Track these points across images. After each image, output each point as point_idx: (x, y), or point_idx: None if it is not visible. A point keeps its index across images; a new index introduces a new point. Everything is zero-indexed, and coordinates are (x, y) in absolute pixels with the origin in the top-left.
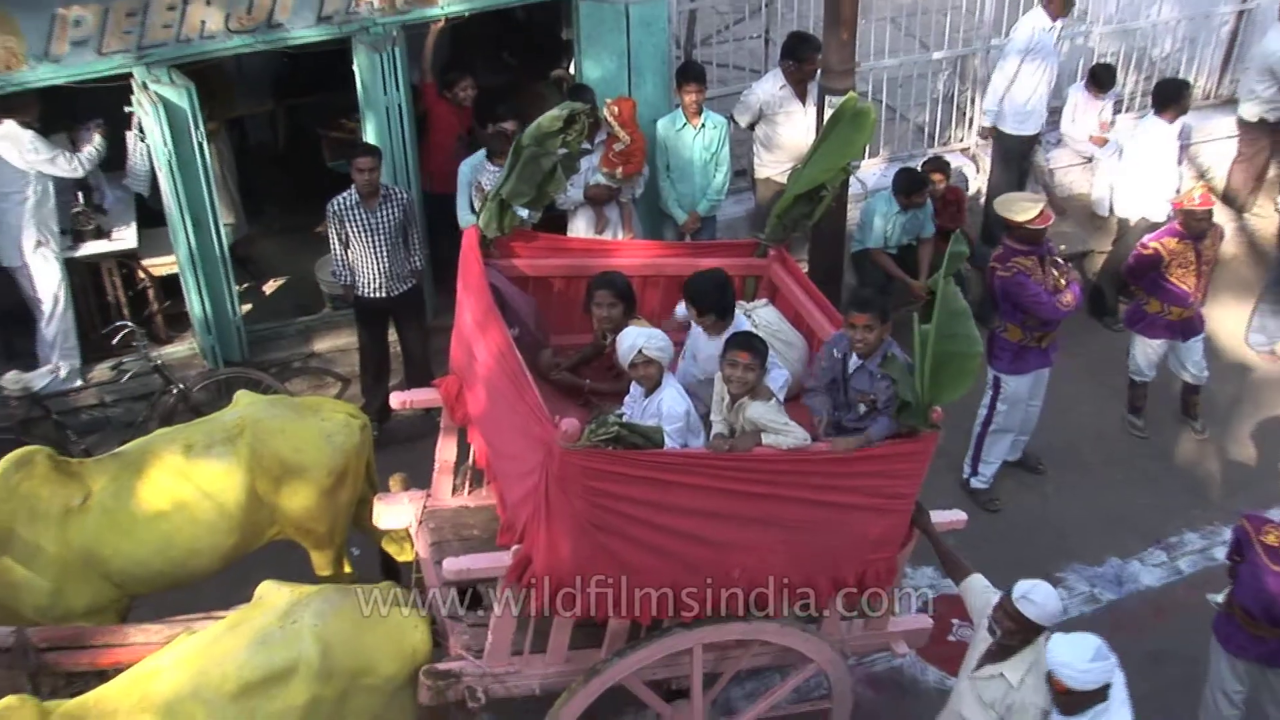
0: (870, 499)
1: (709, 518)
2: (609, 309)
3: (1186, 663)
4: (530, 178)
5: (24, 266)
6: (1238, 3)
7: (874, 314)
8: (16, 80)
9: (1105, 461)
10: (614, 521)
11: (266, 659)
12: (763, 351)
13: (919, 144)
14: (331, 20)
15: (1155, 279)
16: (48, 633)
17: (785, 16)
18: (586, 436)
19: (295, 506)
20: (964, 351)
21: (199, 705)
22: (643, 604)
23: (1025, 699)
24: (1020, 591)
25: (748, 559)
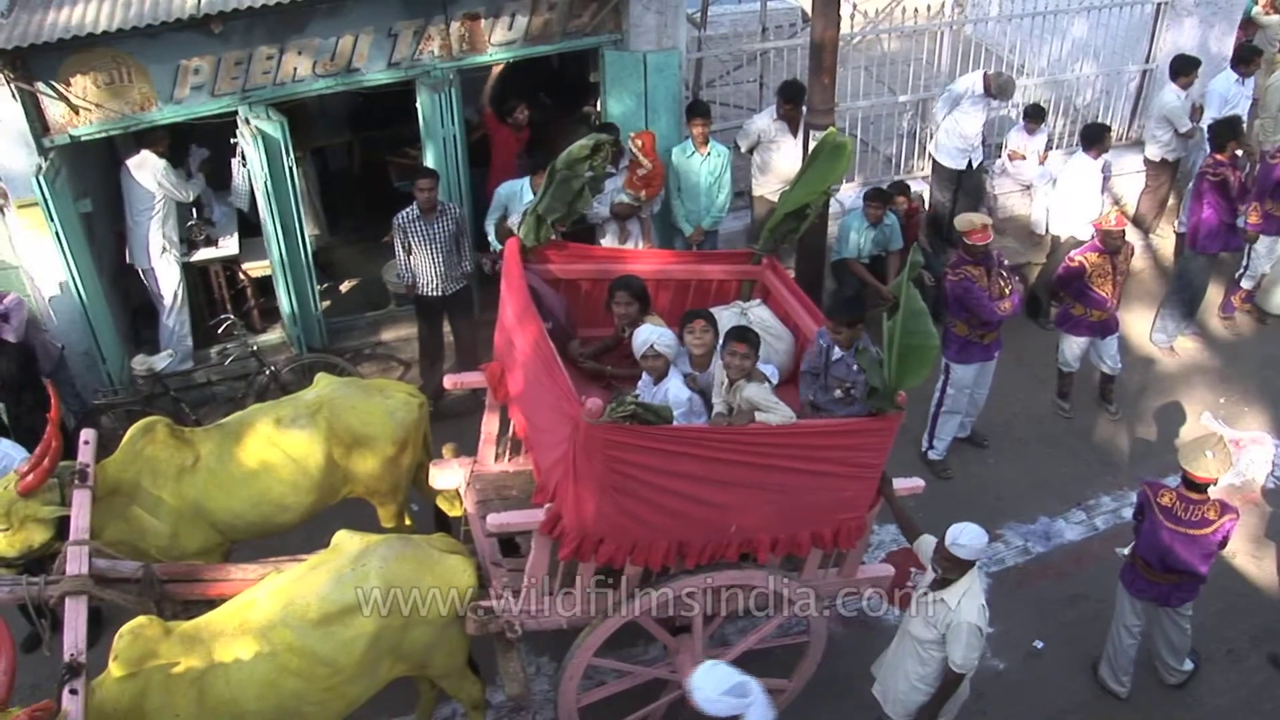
0: (844, 467)
1: (710, 483)
2: (626, 307)
3: (1098, 603)
4: (563, 196)
5: (151, 269)
6: (1142, 63)
7: (848, 317)
8: (149, 118)
9: (1037, 438)
10: (630, 485)
11: (341, 594)
12: (755, 342)
13: (887, 171)
14: (399, 65)
15: (1080, 287)
16: (168, 568)
17: (776, 64)
18: (608, 413)
19: (364, 471)
20: (923, 345)
21: (287, 629)
22: (653, 554)
23: (960, 618)
24: (951, 538)
25: (742, 517)
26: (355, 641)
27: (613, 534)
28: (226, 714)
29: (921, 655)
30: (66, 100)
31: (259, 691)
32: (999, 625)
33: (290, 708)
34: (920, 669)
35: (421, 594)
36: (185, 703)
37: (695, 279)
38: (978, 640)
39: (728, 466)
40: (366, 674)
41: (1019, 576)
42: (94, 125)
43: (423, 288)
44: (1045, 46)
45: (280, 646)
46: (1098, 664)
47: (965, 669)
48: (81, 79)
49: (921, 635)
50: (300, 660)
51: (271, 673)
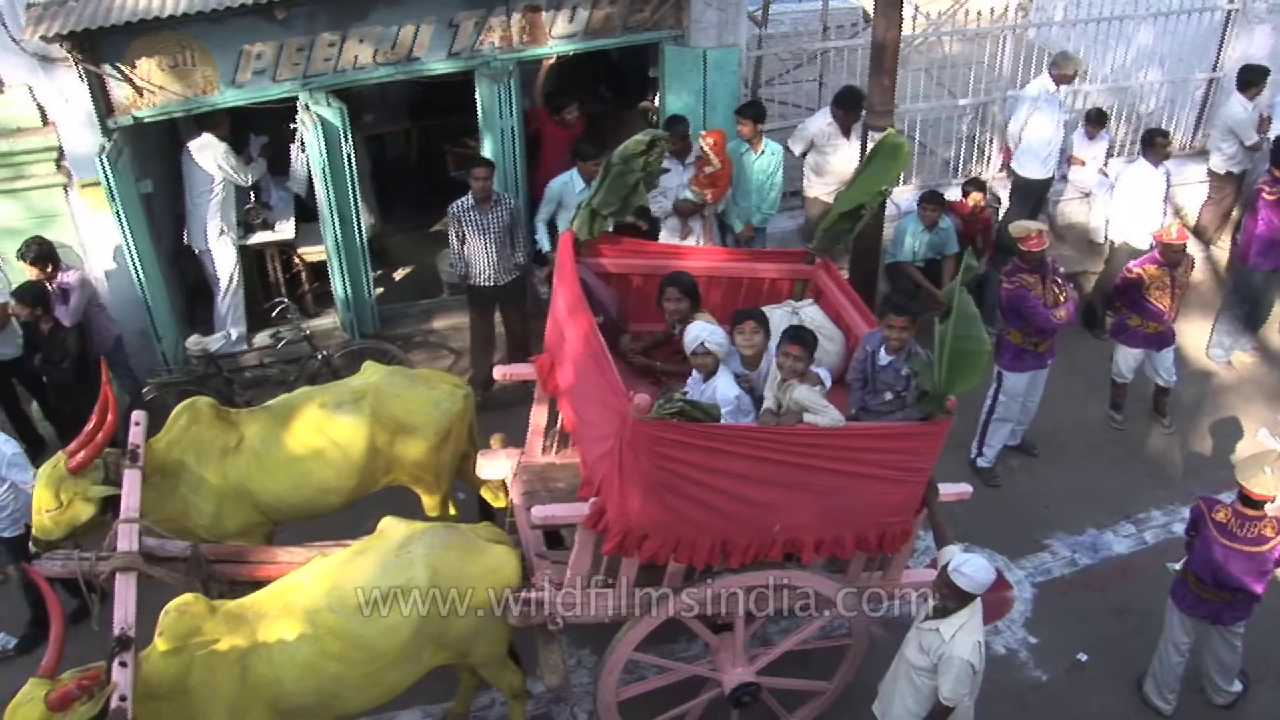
0: (891, 471)
1: (755, 481)
2: (677, 303)
3: (1145, 617)
4: (617, 191)
5: (208, 251)
6: (1209, 71)
7: (908, 318)
8: (211, 102)
9: (1088, 448)
10: (675, 482)
11: (386, 580)
12: (811, 345)
13: (945, 175)
14: (459, 56)
15: (1137, 298)
16: (215, 548)
17: (836, 64)
18: (655, 410)
19: (408, 459)
20: (974, 350)
21: (331, 613)
22: (696, 551)
23: (953, 652)
24: (954, 565)
25: (787, 517)
26: (399, 628)
27: (656, 530)
28: (267, 693)
29: (915, 681)
30: (131, 82)
31: (300, 673)
32: (1042, 635)
33: (330, 690)
34: (913, 694)
35: (466, 583)
36: (227, 680)
37: (748, 277)
38: (969, 676)
39: (773, 466)
40: (408, 660)
41: (1064, 587)
42: (157, 107)
43: (475, 277)
44: (1110, 53)
45: (323, 630)
46: (1143, 680)
47: (953, 702)
48: (146, 61)
49: (915, 661)
50: (342, 644)
51: (313, 655)
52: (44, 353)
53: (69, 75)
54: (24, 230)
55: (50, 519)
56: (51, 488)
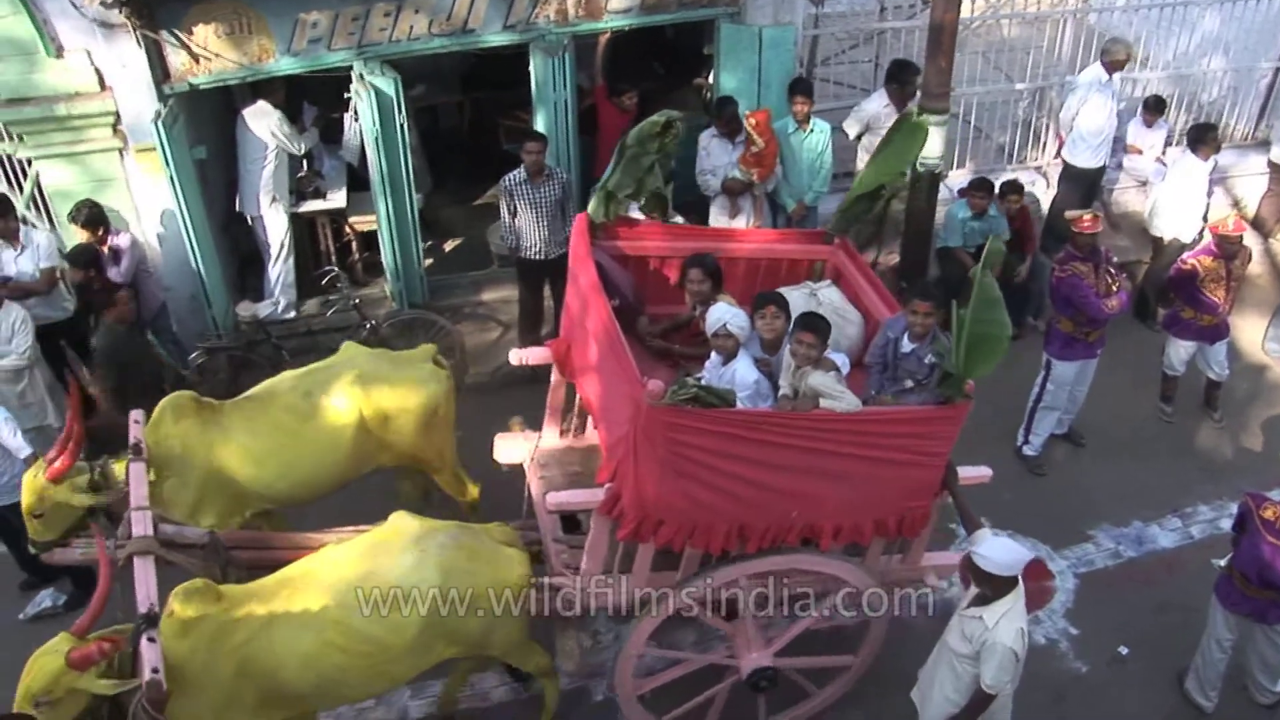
0: (909, 455)
1: (771, 467)
2: (699, 284)
3: (1188, 612)
4: (633, 173)
5: (260, 218)
6: (1276, 60)
7: (934, 303)
8: (266, 69)
9: (1137, 440)
10: (690, 468)
11: (398, 578)
12: (825, 332)
13: (999, 160)
14: (514, 28)
15: (1192, 290)
16: (234, 535)
17: (893, 45)
18: (669, 395)
19: (400, 441)
20: (995, 335)
21: (337, 607)
22: (713, 537)
23: (996, 639)
24: (973, 547)
25: (804, 503)
26: (406, 625)
27: (672, 516)
28: (268, 682)
29: (956, 668)
30: (188, 49)
31: (301, 663)
32: (1083, 626)
33: (332, 679)
34: (954, 681)
35: (476, 584)
36: (228, 667)
37: (766, 258)
38: (1011, 663)
39: (790, 451)
40: (416, 654)
41: (1108, 580)
42: (213, 74)
43: (526, 250)
44: (1172, 39)
45: (327, 622)
46: (1184, 676)
47: (995, 689)
48: (203, 28)
49: (957, 649)
50: (346, 638)
51: (316, 646)
52: (97, 315)
53: (127, 41)
54: (79, 193)
55: (41, 524)
56: (34, 495)
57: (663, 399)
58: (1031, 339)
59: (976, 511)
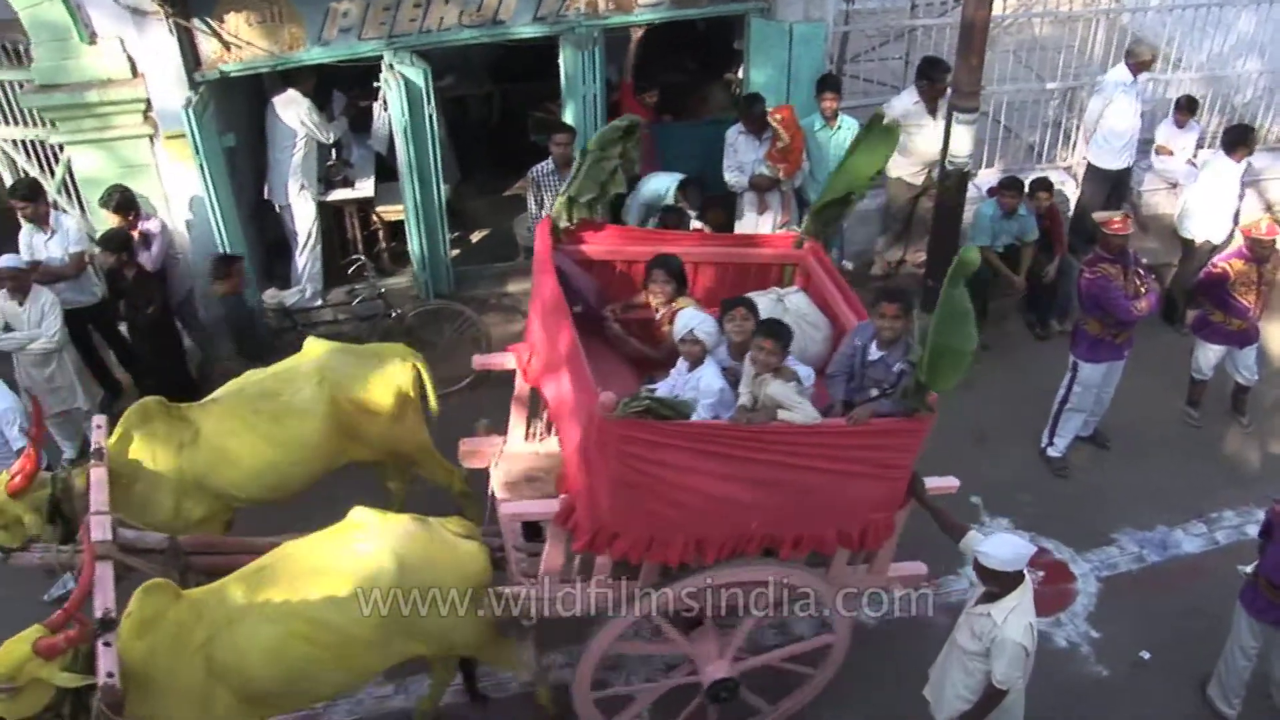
0: (871, 468)
1: (730, 479)
2: (663, 285)
3: (1212, 619)
4: (595, 177)
5: (288, 206)
6: None
7: (901, 305)
8: (297, 58)
9: (1162, 444)
10: (645, 480)
11: (354, 567)
12: (785, 338)
13: (1029, 160)
14: (545, 20)
15: (1221, 294)
16: (193, 540)
17: (923, 43)
18: (622, 408)
19: (373, 435)
20: (959, 348)
21: (296, 597)
22: (670, 550)
23: (1005, 635)
24: (977, 549)
25: (764, 514)
26: (365, 619)
27: (627, 528)
28: (234, 679)
29: (966, 665)
30: (219, 37)
31: (265, 657)
32: (1105, 630)
33: (299, 672)
34: (965, 679)
35: (433, 578)
36: (196, 667)
37: (735, 262)
38: (1021, 659)
39: (747, 464)
40: (377, 649)
41: (1131, 584)
42: (243, 62)
43: None
44: (1206, 40)
45: (289, 614)
46: (1207, 682)
47: (1006, 685)
48: (235, 17)
49: (967, 646)
50: (308, 627)
51: (278, 639)
52: (127, 299)
53: (159, 28)
54: (110, 179)
55: (6, 535)
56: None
57: (616, 411)
58: (1057, 340)
59: (1002, 513)
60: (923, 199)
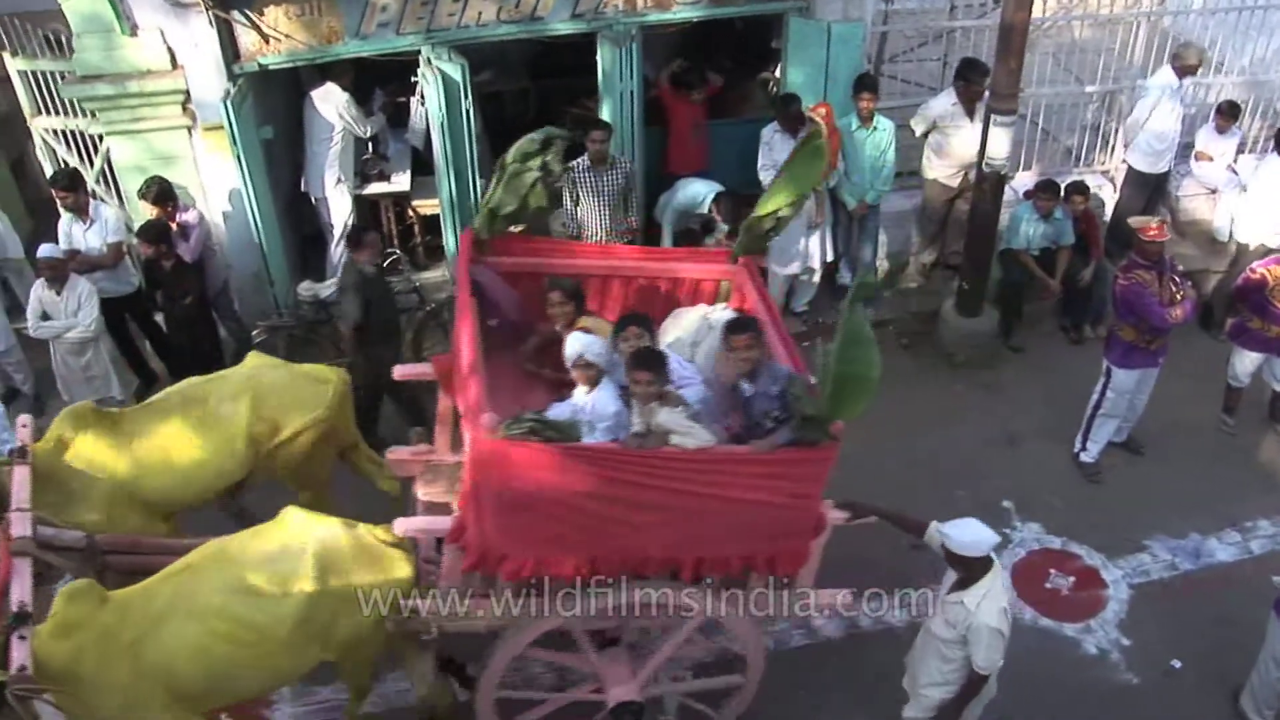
0: (774, 496)
1: (619, 502)
2: (560, 307)
3: (1246, 629)
4: (515, 190)
5: (325, 199)
6: None
7: (751, 334)
8: (335, 51)
9: (1197, 451)
10: (530, 502)
11: (274, 567)
12: (660, 367)
13: (1066, 163)
14: (583, 17)
15: (1260, 300)
16: (110, 539)
17: (962, 44)
18: (503, 429)
19: (288, 454)
20: (862, 375)
21: (219, 595)
22: (561, 570)
23: (980, 621)
24: (945, 536)
25: (659, 538)
26: (285, 616)
27: (515, 549)
28: (160, 678)
29: (944, 653)
30: (258, 29)
31: (190, 655)
32: (1136, 638)
33: (221, 672)
34: (943, 666)
35: (355, 582)
36: (125, 667)
37: (668, 277)
38: (999, 642)
39: (635, 488)
40: (296, 651)
41: (1163, 592)
42: (282, 55)
43: (587, 238)
44: (1249, 44)
45: (211, 612)
46: (1239, 693)
47: (988, 669)
48: (274, 9)
49: (942, 634)
50: (230, 626)
51: (202, 637)
52: (165, 289)
53: (199, 20)
54: (148, 170)
55: None
56: None
57: (496, 433)
58: (1091, 345)
59: (1033, 518)
60: (959, 201)
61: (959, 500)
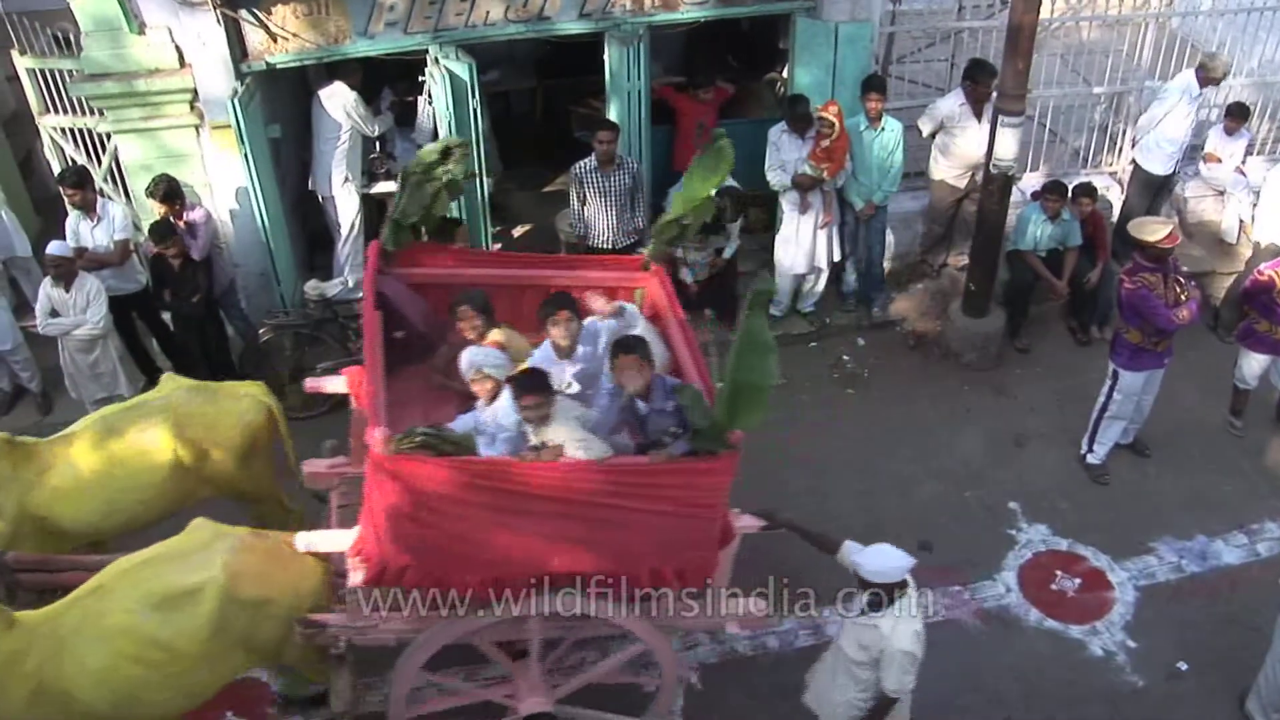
0: (676, 507)
1: (518, 515)
2: (470, 321)
3: (1252, 631)
4: (418, 200)
5: (332, 198)
6: None
7: (638, 355)
8: (343, 51)
9: (1204, 453)
10: (424, 515)
11: (181, 579)
12: (546, 389)
13: (1074, 164)
14: (590, 17)
15: (1267, 302)
16: (20, 557)
17: (970, 45)
18: (394, 443)
19: (218, 475)
20: (758, 384)
21: (126, 614)
22: (463, 585)
23: (895, 646)
24: (856, 564)
25: (561, 550)
26: (197, 629)
27: (413, 564)
28: (65, 703)
29: (855, 674)
30: (266, 28)
31: (95, 680)
32: (1142, 640)
33: (128, 694)
34: (854, 685)
35: (267, 590)
36: (21, 692)
37: (581, 285)
38: (911, 665)
39: (532, 500)
40: (214, 663)
41: (1169, 594)
42: (290, 54)
43: (594, 239)
44: (1258, 45)
45: (117, 632)
46: (1245, 695)
47: (898, 694)
48: (282, 9)
49: (855, 656)
50: (138, 647)
51: (108, 660)
52: (174, 288)
53: (207, 19)
54: (155, 168)
55: None
56: None
57: (388, 447)
58: (1098, 346)
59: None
60: (966, 202)
61: (966, 501)
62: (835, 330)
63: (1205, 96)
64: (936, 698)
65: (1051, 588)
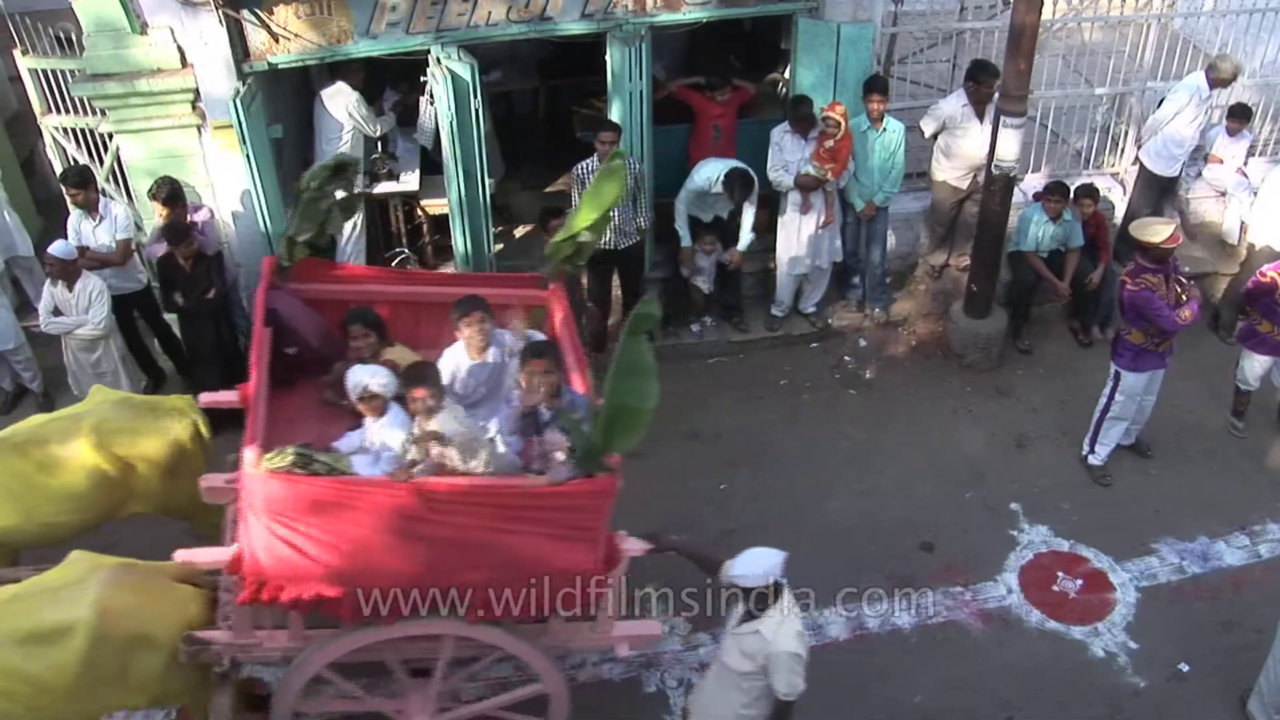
0: (554, 529)
1: (394, 535)
2: (363, 339)
3: (1254, 633)
4: (312, 216)
5: None
6: None
7: (549, 359)
8: (345, 51)
9: (1205, 454)
10: (297, 534)
11: (50, 615)
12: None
13: (1075, 165)
14: (592, 17)
15: (1269, 303)
16: None
17: (972, 46)
18: (265, 462)
19: (145, 489)
20: (636, 406)
21: None
22: (339, 605)
23: (779, 648)
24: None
25: (439, 571)
26: (66, 665)
27: (289, 582)
28: None
29: (743, 686)
30: (268, 28)
31: None
32: (1143, 641)
33: None
34: (744, 698)
35: (144, 624)
36: None
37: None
38: (800, 665)
39: (411, 520)
40: (83, 698)
41: (1171, 595)
42: (292, 54)
43: None
44: (1261, 47)
45: None
46: (1247, 697)
47: (791, 695)
48: (284, 9)
49: (740, 667)
50: (4, 680)
51: None
52: (185, 288)
53: (209, 19)
54: (157, 169)
55: None
56: None
57: (258, 466)
58: (1100, 347)
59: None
60: (968, 203)
61: (968, 502)
62: (837, 331)
63: (1214, 98)
64: (938, 699)
65: (1053, 589)
